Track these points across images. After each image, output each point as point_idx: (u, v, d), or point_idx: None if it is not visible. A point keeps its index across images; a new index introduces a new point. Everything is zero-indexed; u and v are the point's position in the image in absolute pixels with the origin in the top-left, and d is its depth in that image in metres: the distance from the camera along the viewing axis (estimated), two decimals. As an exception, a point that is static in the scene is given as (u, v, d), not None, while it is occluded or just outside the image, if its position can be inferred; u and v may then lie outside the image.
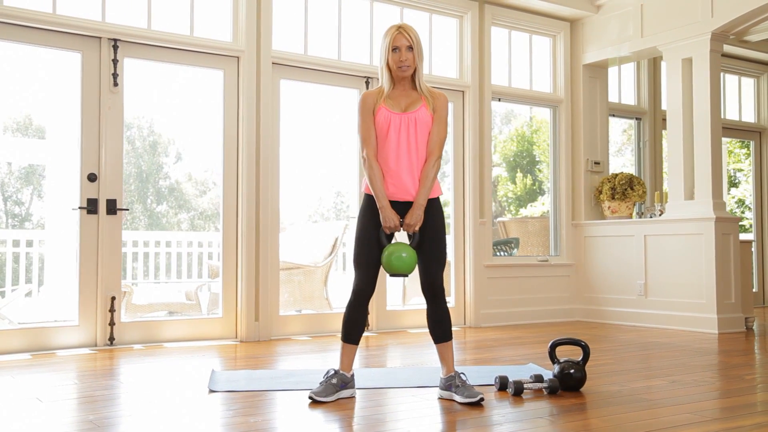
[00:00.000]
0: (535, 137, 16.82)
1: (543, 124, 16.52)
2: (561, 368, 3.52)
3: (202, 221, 15.27)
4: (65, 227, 7.13)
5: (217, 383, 3.61)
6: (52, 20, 4.87)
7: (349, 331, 3.39)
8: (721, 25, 6.10)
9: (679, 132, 6.42)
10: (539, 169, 16.96)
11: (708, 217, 6.10)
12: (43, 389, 3.56)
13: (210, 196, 15.46)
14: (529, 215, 14.80)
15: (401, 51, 3.27)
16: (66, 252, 7.14)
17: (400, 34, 3.29)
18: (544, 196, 16.77)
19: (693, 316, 6.18)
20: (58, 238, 7.39)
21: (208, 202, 15.26)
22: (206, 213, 14.91)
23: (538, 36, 7.20)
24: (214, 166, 15.07)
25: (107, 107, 5.07)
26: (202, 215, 15.33)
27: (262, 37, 5.58)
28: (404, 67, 3.28)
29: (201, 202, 15.22)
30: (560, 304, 7.08)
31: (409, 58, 3.27)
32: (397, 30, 3.31)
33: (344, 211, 13.19)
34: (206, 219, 15.19)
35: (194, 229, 14.67)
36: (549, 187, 7.30)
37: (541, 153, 16.84)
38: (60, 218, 7.24)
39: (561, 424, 2.92)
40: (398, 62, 3.27)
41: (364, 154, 3.34)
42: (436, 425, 2.93)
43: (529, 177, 16.63)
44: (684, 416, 2.97)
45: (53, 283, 7.36)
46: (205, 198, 15.32)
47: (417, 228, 3.31)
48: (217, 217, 15.31)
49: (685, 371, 4.16)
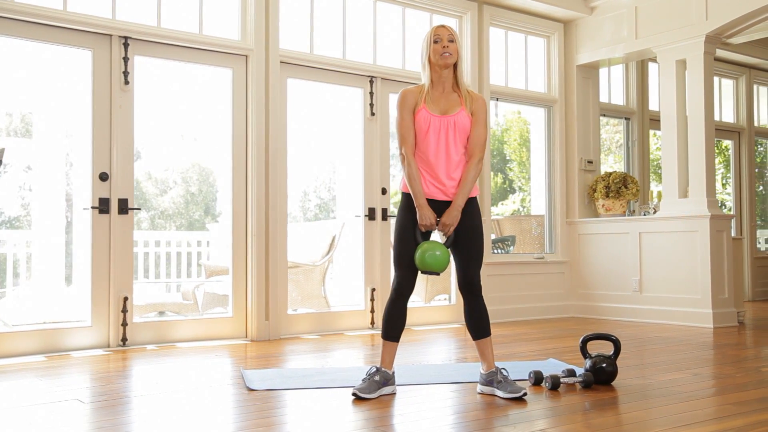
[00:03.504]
0: (506, 136, 16.99)
1: (513, 123, 16.71)
2: (593, 362, 3.60)
3: (162, 221, 15.05)
4: (53, 225, 7.02)
5: (253, 382, 3.61)
6: (63, 17, 4.80)
7: (390, 328, 3.43)
8: (715, 28, 6.28)
9: (673, 132, 6.59)
10: (510, 167, 17.15)
11: (702, 214, 6.27)
12: (78, 390, 3.52)
13: (171, 195, 15.27)
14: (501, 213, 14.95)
15: (443, 40, 3.34)
16: (52, 250, 7.03)
17: (442, 28, 3.40)
18: (515, 195, 16.99)
19: (688, 311, 6.35)
20: (46, 237, 7.25)
21: (169, 201, 15.07)
22: (167, 212, 14.72)
23: (534, 37, 7.31)
24: (174, 164, 14.90)
25: (118, 106, 5.01)
26: (162, 215, 15.10)
27: (270, 35, 5.57)
28: (446, 54, 3.33)
29: (162, 201, 15.01)
30: (555, 300, 7.21)
31: (450, 47, 3.33)
32: (438, 26, 3.40)
33: (332, 209, 13.18)
34: (167, 218, 14.99)
35: (154, 228, 14.41)
36: (544, 186, 7.41)
37: (512, 152, 17.03)
38: (48, 217, 7.09)
39: (612, 417, 3.00)
40: (440, 50, 3.33)
41: (402, 151, 3.38)
42: (484, 420, 2.98)
43: (500, 176, 16.81)
44: (726, 407, 3.08)
45: (38, 283, 7.21)
46: (166, 197, 15.13)
47: (453, 228, 3.36)
48: (178, 216, 15.09)
49: (701, 364, 4.28)
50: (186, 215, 15.49)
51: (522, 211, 15.55)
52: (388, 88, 6.23)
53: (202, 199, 15.62)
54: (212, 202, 15.50)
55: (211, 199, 15.47)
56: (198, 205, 15.67)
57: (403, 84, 6.27)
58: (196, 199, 15.64)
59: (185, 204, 15.49)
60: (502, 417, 3.01)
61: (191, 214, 15.57)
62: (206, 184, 15.54)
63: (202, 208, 15.60)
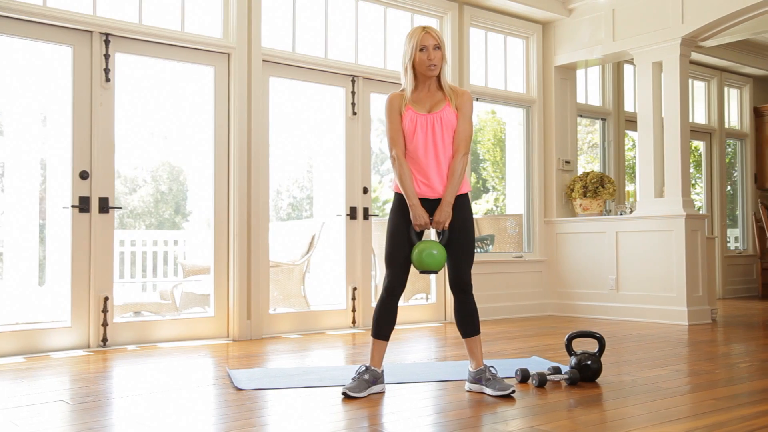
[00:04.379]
0: (480, 136, 17.07)
1: (487, 123, 16.80)
2: (579, 360, 3.65)
3: (132, 219, 14.86)
4: (27, 225, 6.91)
5: (241, 382, 3.61)
6: (43, 12, 4.74)
7: (380, 327, 3.44)
8: (691, 31, 6.39)
9: (649, 133, 6.69)
10: (483, 167, 17.24)
11: (678, 214, 6.38)
12: (62, 391, 3.48)
13: (140, 194, 15.11)
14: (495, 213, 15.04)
15: (429, 50, 3.33)
16: (25, 250, 6.92)
17: (428, 34, 3.36)
18: (489, 194, 17.08)
19: (664, 308, 6.46)
20: (18, 237, 7.13)
21: (138, 200, 14.90)
22: (135, 211, 14.54)
23: (513, 37, 7.38)
24: (144, 163, 14.73)
25: (99, 103, 4.96)
26: (132, 213, 14.91)
27: (252, 33, 5.55)
28: (432, 66, 3.34)
29: (131, 199, 14.82)
30: (533, 299, 7.28)
31: (436, 57, 3.34)
32: (423, 30, 3.37)
33: (305, 208, 13.14)
34: (136, 217, 14.81)
35: (123, 227, 14.24)
36: (522, 185, 7.48)
37: (486, 152, 17.12)
38: (21, 216, 6.98)
39: (599, 413, 3.04)
40: (426, 61, 3.33)
41: (393, 153, 3.39)
42: (473, 418, 3.01)
43: (473, 175, 16.89)
44: (710, 403, 3.15)
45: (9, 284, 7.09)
46: (135, 196, 14.95)
47: (446, 225, 3.38)
48: (148, 215, 14.90)
49: (680, 361, 4.36)
50: (156, 214, 15.33)
51: (495, 210, 15.64)
52: (369, 87, 6.24)
53: (172, 198, 15.48)
54: (182, 201, 15.36)
55: (182, 198, 15.33)
56: (168, 203, 15.52)
57: (384, 84, 6.30)
58: (166, 198, 15.49)
59: (155, 203, 15.34)
60: (491, 414, 3.04)
61: (161, 213, 15.42)
62: (176, 182, 15.40)
63: (172, 207, 15.45)
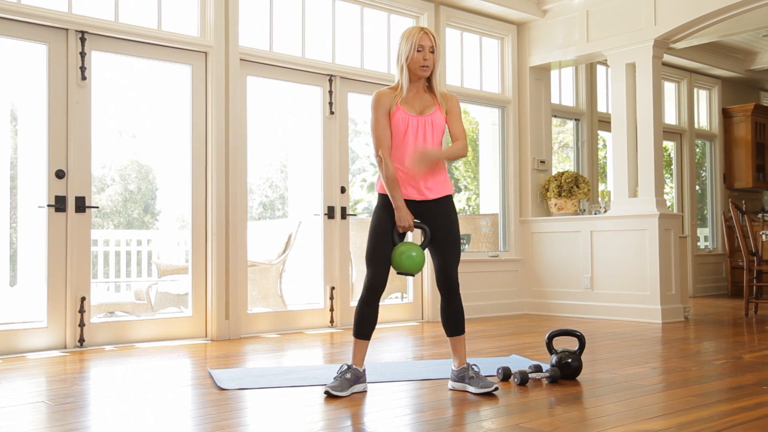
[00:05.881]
0: (452, 135, 17.16)
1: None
2: (559, 358, 3.70)
3: (99, 219, 14.69)
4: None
5: (223, 381, 3.59)
6: (17, 9, 4.67)
7: (362, 326, 3.44)
8: (663, 33, 6.49)
9: (623, 133, 6.78)
10: (456, 167, 17.31)
11: (651, 213, 6.48)
12: (40, 393, 3.44)
13: (108, 193, 14.94)
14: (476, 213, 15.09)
15: (425, 51, 3.36)
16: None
17: (426, 35, 3.38)
18: (461, 194, 17.15)
19: (637, 307, 6.55)
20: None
21: (107, 199, 14.74)
22: (104, 210, 14.38)
23: (488, 38, 7.43)
24: (111, 162, 14.56)
25: (75, 102, 4.90)
26: (100, 212, 14.73)
27: (229, 32, 5.52)
28: (425, 67, 3.37)
29: (99, 199, 14.64)
30: (509, 298, 7.34)
31: (431, 59, 3.37)
32: (421, 31, 3.40)
33: (278, 207, 13.10)
34: (104, 217, 14.64)
35: (94, 227, 14.07)
36: (497, 185, 7.53)
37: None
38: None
39: (580, 410, 3.09)
40: (421, 62, 3.35)
41: (379, 153, 3.40)
42: (457, 416, 3.03)
43: (445, 175, 16.96)
44: (689, 399, 3.20)
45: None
46: (103, 195, 14.78)
47: (429, 155, 3.31)
48: (116, 214, 14.72)
49: (657, 359, 4.44)
50: (125, 213, 15.17)
51: (468, 210, 15.71)
52: (347, 87, 6.24)
53: (141, 197, 15.33)
54: (151, 200, 15.21)
55: (150, 197, 15.19)
56: (137, 203, 15.37)
57: (362, 83, 6.31)
58: (135, 197, 15.34)
59: (123, 202, 15.18)
60: (473, 412, 3.07)
61: (130, 212, 15.27)
62: (145, 181, 15.26)
63: (141, 206, 15.30)
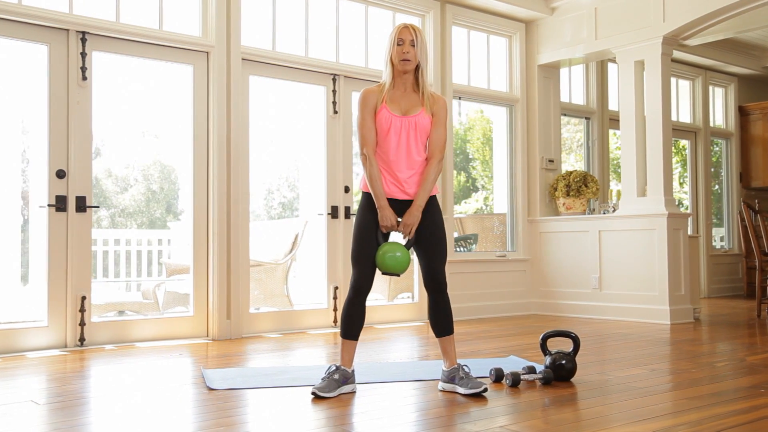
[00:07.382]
0: (469, 135, 17.06)
1: (476, 122, 16.80)
2: (553, 359, 3.64)
3: (123, 218, 14.80)
4: (10, 224, 6.86)
5: (213, 381, 3.58)
6: (18, 11, 4.70)
7: (349, 327, 3.41)
8: (672, 30, 6.39)
9: (631, 132, 6.69)
10: (473, 166, 17.23)
11: (660, 213, 6.38)
12: (33, 391, 3.45)
13: (131, 193, 15.04)
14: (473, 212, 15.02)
15: (405, 44, 3.34)
16: (8, 249, 6.87)
17: (406, 29, 3.38)
18: (478, 193, 17.08)
19: (646, 307, 6.46)
20: (1, 236, 7.08)
21: (130, 199, 14.84)
22: (127, 210, 14.49)
23: (496, 36, 7.37)
24: (135, 162, 14.66)
25: (76, 102, 4.92)
26: (123, 212, 14.84)
27: (231, 32, 5.52)
28: (405, 61, 3.34)
29: (122, 198, 14.75)
30: (517, 298, 7.27)
31: (411, 52, 3.34)
32: (403, 25, 3.40)
33: (296, 207, 13.10)
34: (127, 216, 14.75)
35: (115, 226, 14.14)
36: (506, 184, 7.47)
37: (475, 150, 17.11)
38: (4, 215, 6.93)
39: (571, 412, 3.03)
40: (401, 54, 3.33)
41: (364, 151, 3.38)
42: (445, 417, 2.99)
43: (463, 174, 16.88)
44: (682, 402, 3.14)
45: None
46: (126, 195, 14.88)
47: (414, 228, 3.36)
48: (139, 214, 14.81)
49: (658, 360, 4.36)
50: (147, 213, 15.26)
51: (485, 209, 15.64)
52: (351, 86, 6.22)
53: (163, 197, 15.41)
54: (174, 200, 15.27)
55: (173, 197, 15.25)
56: (159, 203, 15.45)
57: (366, 82, 6.28)
58: (158, 197, 15.42)
59: (146, 202, 15.27)
60: (463, 414, 3.02)
61: (152, 212, 15.35)
62: (168, 181, 15.33)
63: (163, 206, 15.38)
